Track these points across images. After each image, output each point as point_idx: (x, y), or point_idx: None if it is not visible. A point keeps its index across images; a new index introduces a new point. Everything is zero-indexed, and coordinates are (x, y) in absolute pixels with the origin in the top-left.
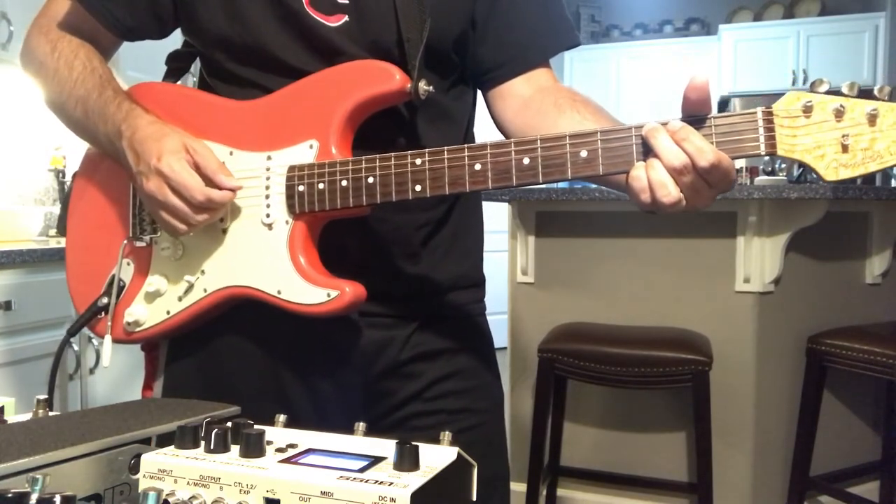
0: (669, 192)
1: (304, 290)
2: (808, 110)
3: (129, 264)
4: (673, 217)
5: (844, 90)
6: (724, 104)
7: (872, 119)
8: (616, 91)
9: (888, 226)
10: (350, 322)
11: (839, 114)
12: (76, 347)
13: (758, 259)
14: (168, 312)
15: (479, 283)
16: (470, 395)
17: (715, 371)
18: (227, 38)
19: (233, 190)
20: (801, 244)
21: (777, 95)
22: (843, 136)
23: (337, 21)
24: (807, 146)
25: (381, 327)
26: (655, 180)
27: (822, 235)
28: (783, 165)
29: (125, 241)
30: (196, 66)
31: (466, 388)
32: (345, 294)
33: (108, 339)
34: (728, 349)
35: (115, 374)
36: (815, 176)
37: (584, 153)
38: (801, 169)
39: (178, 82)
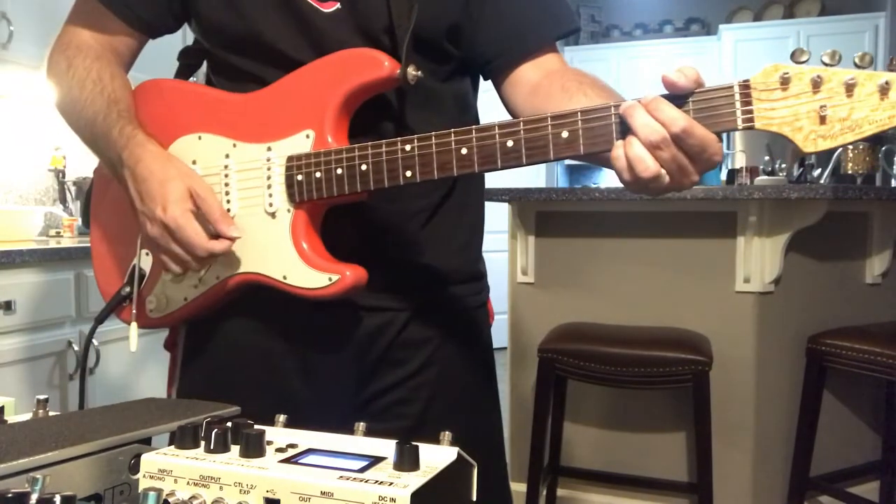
0: (648, 166)
1: (308, 274)
2: (785, 82)
3: (147, 255)
4: (673, 217)
5: (825, 59)
6: None
7: (850, 88)
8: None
9: (888, 226)
10: (349, 312)
11: (816, 84)
12: (76, 347)
13: (758, 259)
14: (185, 299)
15: (478, 276)
16: (453, 385)
17: (715, 371)
18: (224, 26)
19: (232, 239)
20: (801, 244)
21: None
22: (821, 106)
23: (330, 7)
24: (784, 118)
25: (378, 314)
26: (633, 156)
27: (822, 235)
28: (783, 165)
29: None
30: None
31: (448, 378)
32: (345, 277)
33: (133, 325)
34: (728, 349)
35: (115, 374)
36: (815, 176)
37: (565, 134)
38: (801, 169)
39: (192, 78)
